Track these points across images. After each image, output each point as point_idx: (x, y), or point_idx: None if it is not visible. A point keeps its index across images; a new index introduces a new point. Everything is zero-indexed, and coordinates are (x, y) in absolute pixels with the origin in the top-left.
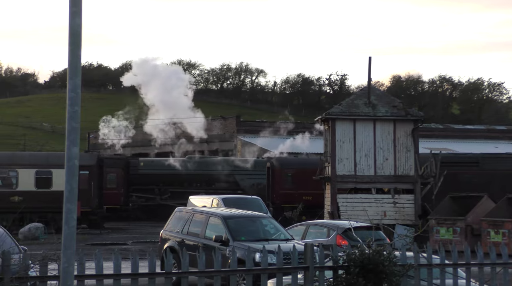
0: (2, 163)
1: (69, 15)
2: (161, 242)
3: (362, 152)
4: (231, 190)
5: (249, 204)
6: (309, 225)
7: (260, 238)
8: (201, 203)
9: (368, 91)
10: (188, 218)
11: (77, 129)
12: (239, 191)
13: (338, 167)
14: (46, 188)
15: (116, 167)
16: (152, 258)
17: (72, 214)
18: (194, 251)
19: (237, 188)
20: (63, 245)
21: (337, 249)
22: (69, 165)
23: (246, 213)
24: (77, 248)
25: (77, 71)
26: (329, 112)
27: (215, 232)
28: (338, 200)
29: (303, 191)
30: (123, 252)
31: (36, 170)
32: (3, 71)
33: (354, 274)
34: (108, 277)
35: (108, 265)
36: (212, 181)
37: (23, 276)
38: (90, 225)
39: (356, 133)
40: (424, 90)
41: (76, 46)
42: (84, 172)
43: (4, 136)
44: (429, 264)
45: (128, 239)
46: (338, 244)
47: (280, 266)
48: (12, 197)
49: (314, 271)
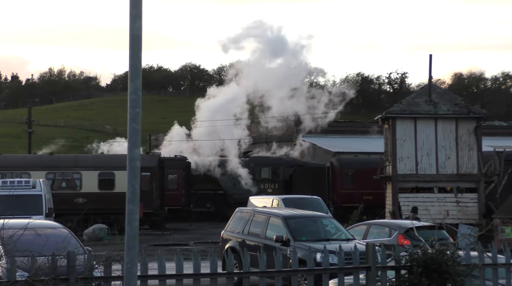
0: (66, 165)
1: (129, 18)
2: (222, 243)
3: (423, 151)
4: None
5: (309, 204)
6: (370, 224)
7: (321, 238)
8: (261, 203)
9: (429, 89)
10: (248, 219)
11: (138, 131)
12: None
13: (399, 166)
14: (109, 190)
15: (177, 168)
16: (213, 258)
17: (135, 215)
18: (255, 251)
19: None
20: (126, 246)
21: (399, 248)
22: (131, 166)
23: (306, 213)
24: (140, 248)
25: (137, 73)
26: (389, 111)
27: (275, 232)
28: (399, 199)
29: (364, 190)
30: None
31: (99, 171)
32: (66, 75)
33: (417, 274)
34: (171, 277)
35: (170, 266)
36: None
37: (88, 276)
38: (152, 226)
39: (417, 132)
40: (487, 87)
41: (137, 49)
42: (146, 173)
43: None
44: (494, 264)
45: (189, 239)
46: (400, 243)
47: (342, 266)
48: (76, 198)
49: (376, 271)
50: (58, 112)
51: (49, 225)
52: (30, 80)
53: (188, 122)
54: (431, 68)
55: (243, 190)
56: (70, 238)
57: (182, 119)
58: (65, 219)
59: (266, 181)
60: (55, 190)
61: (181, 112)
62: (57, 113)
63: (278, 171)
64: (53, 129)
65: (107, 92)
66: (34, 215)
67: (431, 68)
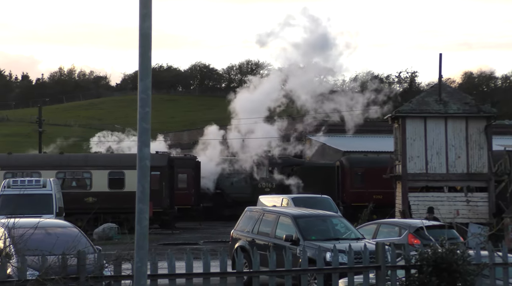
0: (76, 165)
1: (139, 18)
2: (232, 242)
3: (433, 150)
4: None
5: (319, 203)
6: (380, 224)
7: (331, 237)
8: (270, 202)
9: (439, 88)
10: (258, 218)
11: (148, 131)
12: None
13: (409, 165)
14: (119, 189)
15: (187, 167)
16: (223, 257)
17: (145, 214)
18: (265, 251)
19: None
20: (136, 245)
21: (409, 248)
22: (140, 166)
23: (316, 212)
24: (150, 247)
25: (147, 73)
26: (399, 110)
27: (285, 232)
28: (409, 199)
29: (373, 189)
30: (194, 251)
31: (109, 171)
32: (76, 74)
33: (427, 273)
34: (181, 277)
35: (180, 265)
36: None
37: (98, 275)
38: (162, 225)
39: (427, 131)
40: (497, 86)
41: (147, 48)
42: (155, 172)
43: (79, 138)
44: (504, 263)
45: (199, 238)
46: (410, 243)
47: (352, 265)
48: (86, 197)
49: (386, 270)
50: (68, 112)
51: (59, 224)
52: (40, 80)
53: (197, 122)
54: (441, 67)
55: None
56: (80, 237)
57: (189, 119)
58: (75, 218)
59: (263, 180)
60: (65, 189)
61: (190, 111)
62: (67, 112)
63: (273, 170)
64: (63, 128)
65: (117, 92)
66: (45, 214)
67: (441, 67)
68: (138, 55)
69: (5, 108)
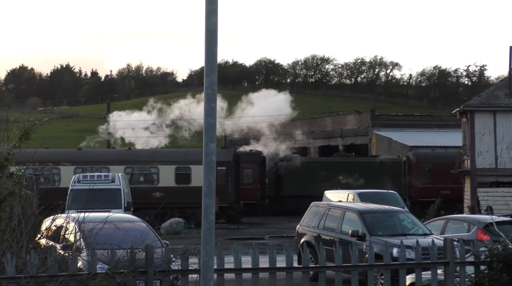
0: (144, 160)
1: (205, 14)
2: (297, 237)
3: (503, 144)
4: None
5: (385, 198)
6: (448, 219)
7: (397, 232)
8: (336, 198)
9: (509, 81)
10: (324, 213)
11: (214, 126)
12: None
13: (478, 160)
14: (185, 184)
15: (252, 163)
16: (289, 252)
17: (211, 209)
18: (331, 246)
19: None
20: (202, 239)
21: (479, 244)
22: (206, 161)
23: (382, 207)
24: (216, 242)
25: (213, 68)
26: (467, 104)
27: (351, 227)
28: (478, 194)
29: (441, 185)
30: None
31: (176, 166)
32: (144, 71)
33: (497, 269)
34: (247, 271)
35: (246, 260)
36: None
37: (166, 269)
38: (228, 220)
39: (497, 125)
40: None
41: (213, 44)
42: (221, 167)
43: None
44: None
45: (265, 233)
46: (479, 239)
47: (419, 261)
48: (153, 193)
49: (454, 267)
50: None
51: (128, 218)
52: (109, 76)
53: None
54: (511, 60)
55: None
56: (148, 231)
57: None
58: (143, 212)
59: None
60: (133, 184)
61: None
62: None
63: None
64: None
65: (183, 88)
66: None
67: (511, 60)
68: (204, 51)
69: (75, 104)
